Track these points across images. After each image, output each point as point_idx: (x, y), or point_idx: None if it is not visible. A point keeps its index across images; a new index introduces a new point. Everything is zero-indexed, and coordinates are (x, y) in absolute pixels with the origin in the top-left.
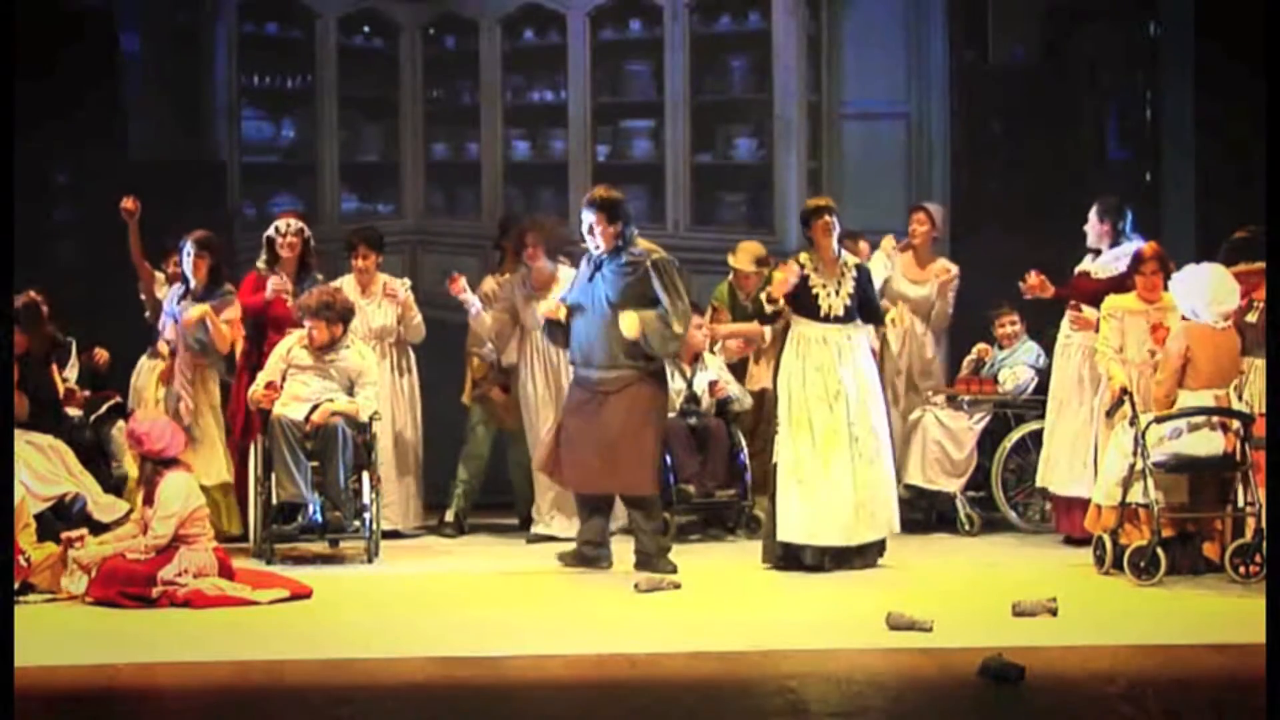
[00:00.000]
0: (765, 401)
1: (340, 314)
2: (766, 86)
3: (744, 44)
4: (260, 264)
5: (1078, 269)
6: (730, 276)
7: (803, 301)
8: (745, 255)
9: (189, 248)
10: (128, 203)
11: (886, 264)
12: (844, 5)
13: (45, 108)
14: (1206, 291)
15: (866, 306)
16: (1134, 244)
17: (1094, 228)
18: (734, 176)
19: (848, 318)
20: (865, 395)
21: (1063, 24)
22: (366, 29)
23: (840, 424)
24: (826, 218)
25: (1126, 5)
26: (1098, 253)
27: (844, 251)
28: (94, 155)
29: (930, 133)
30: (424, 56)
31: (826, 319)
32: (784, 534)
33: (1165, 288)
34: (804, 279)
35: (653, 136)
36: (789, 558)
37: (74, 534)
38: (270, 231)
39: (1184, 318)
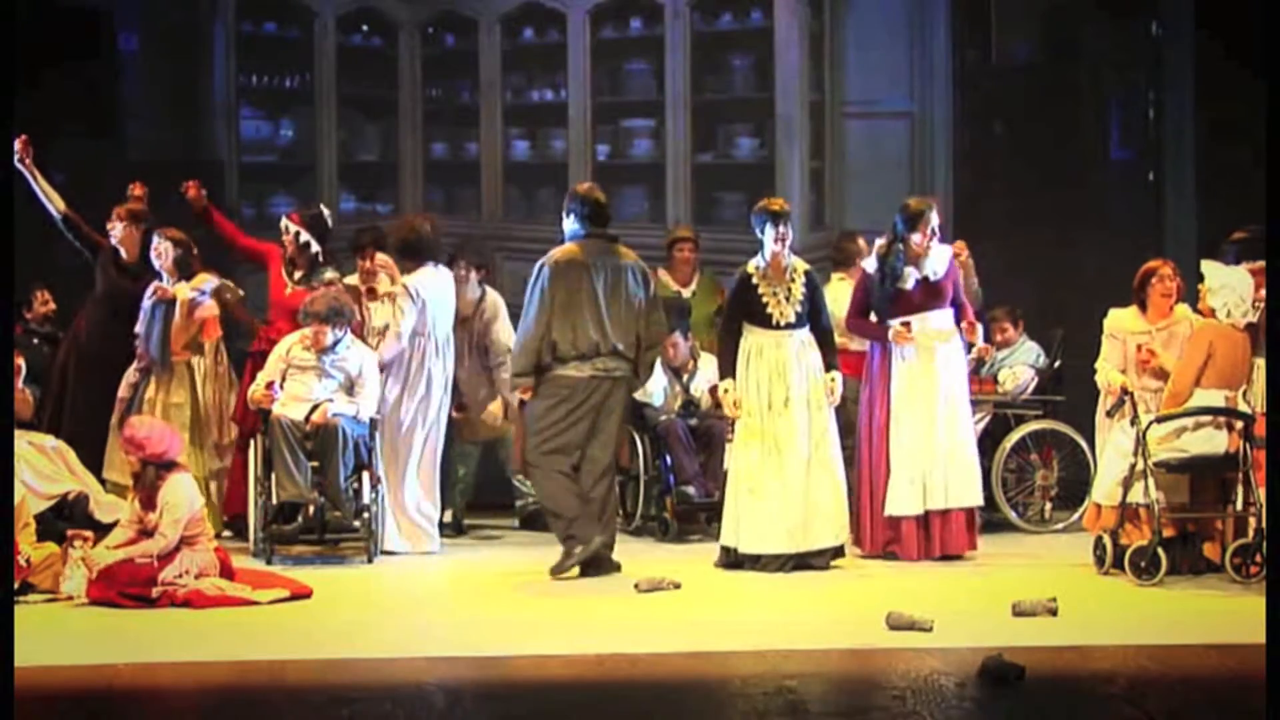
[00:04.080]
0: None
1: (348, 319)
2: (768, 85)
3: (746, 42)
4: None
5: (892, 288)
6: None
7: (754, 310)
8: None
9: (155, 240)
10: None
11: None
12: (847, 3)
13: (45, 108)
14: (1247, 293)
15: (814, 315)
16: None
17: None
18: (735, 176)
19: (799, 323)
20: (819, 401)
21: (1065, 23)
22: (365, 28)
23: (794, 429)
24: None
25: (1128, 5)
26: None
27: (793, 257)
28: (93, 155)
29: (933, 132)
30: (423, 55)
31: (779, 326)
32: (727, 539)
33: (1177, 302)
34: (753, 287)
35: (653, 136)
36: (734, 563)
37: (80, 533)
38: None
39: (1212, 310)
